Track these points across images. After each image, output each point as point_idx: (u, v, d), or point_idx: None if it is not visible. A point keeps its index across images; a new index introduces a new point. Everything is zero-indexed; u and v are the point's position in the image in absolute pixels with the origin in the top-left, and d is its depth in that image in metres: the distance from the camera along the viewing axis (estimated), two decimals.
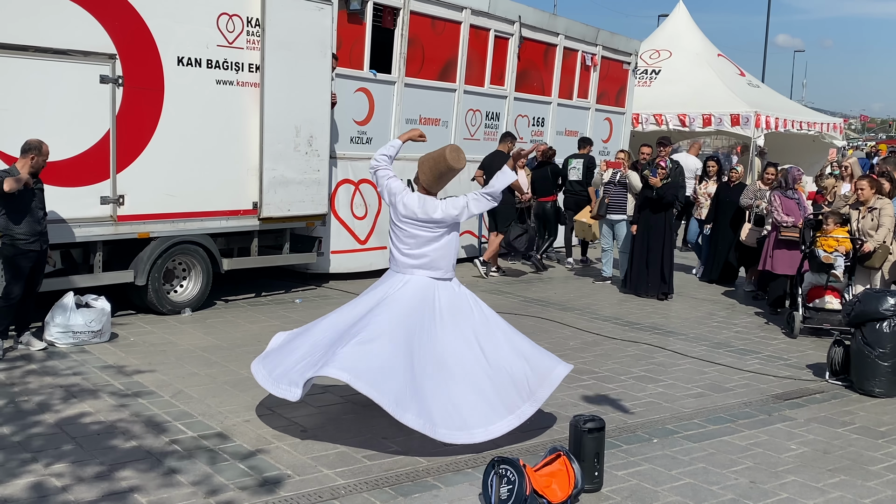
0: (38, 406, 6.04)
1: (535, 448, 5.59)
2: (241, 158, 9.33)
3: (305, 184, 9.93)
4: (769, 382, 7.45)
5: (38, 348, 7.47)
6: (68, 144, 7.94)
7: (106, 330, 7.83)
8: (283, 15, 9.43)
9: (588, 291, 11.61)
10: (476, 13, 12.99)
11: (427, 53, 12.34)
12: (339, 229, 11.09)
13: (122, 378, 6.78)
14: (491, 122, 13.84)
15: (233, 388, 6.63)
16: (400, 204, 5.73)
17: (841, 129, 24.18)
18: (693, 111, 19.41)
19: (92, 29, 7.99)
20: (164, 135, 8.61)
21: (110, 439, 5.46)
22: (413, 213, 5.69)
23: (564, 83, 15.36)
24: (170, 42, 8.56)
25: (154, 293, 8.82)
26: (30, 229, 7.18)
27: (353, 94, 11.25)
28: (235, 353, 7.61)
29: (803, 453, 5.74)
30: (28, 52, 7.60)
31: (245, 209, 9.43)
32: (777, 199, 10.06)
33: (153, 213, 8.62)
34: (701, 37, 22.38)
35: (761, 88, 22.87)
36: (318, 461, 5.25)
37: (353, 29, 11.08)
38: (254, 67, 9.31)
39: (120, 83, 8.24)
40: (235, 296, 10.12)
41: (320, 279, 11.16)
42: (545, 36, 14.67)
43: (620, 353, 8.26)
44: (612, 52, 16.50)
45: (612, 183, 11.83)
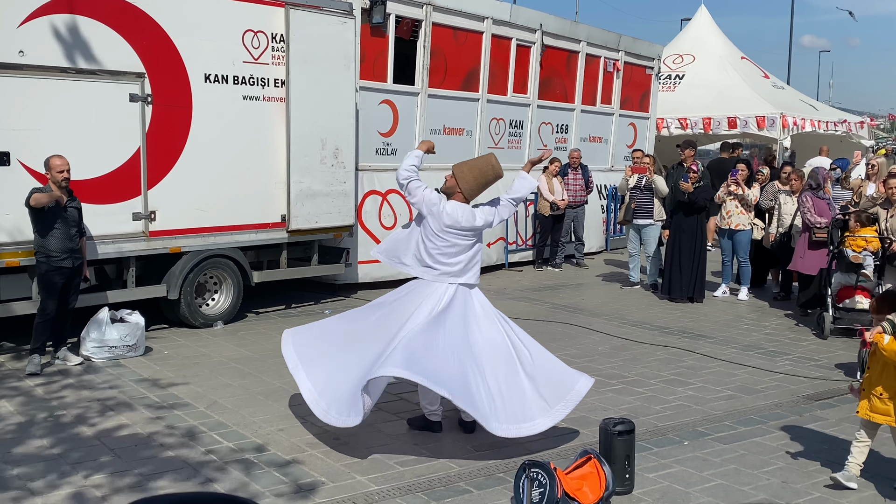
0: (75, 419, 6.16)
1: (566, 451, 5.62)
2: (268, 172, 9.46)
3: (332, 196, 10.04)
4: (800, 383, 7.42)
5: (75, 363, 7.62)
6: (100, 162, 8.11)
7: (140, 344, 7.96)
8: (307, 30, 9.56)
9: (616, 297, 11.61)
10: (498, 23, 13.07)
11: (450, 64, 12.44)
12: (367, 240, 11.18)
13: (158, 390, 6.90)
14: (515, 131, 13.89)
15: (266, 399, 6.72)
16: (444, 213, 5.73)
17: (869, 128, 23.98)
18: (718, 114, 19.35)
19: (121, 49, 8.16)
20: (193, 151, 8.76)
21: (147, 450, 5.56)
22: (457, 221, 5.72)
23: (587, 90, 15.38)
24: (197, 59, 8.72)
25: (186, 307, 8.96)
26: (62, 246, 7.32)
27: (377, 106, 11.37)
28: (268, 364, 7.70)
29: (835, 453, 5.71)
30: (59, 74, 7.78)
31: (274, 222, 9.56)
32: (809, 199, 10.00)
33: (184, 227, 8.76)
34: (724, 40, 22.31)
35: (786, 90, 22.76)
36: (352, 468, 5.32)
37: (376, 42, 11.20)
38: (279, 82, 9.44)
39: (149, 101, 8.40)
40: (266, 308, 10.24)
41: (349, 290, 11.26)
42: (567, 43, 14.72)
43: (649, 357, 8.26)
44: (634, 58, 16.50)
45: (638, 188, 11.84)
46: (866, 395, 5.03)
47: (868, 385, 5.03)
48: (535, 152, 14.20)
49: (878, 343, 4.83)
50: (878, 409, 4.97)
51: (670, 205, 11.37)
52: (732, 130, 19.54)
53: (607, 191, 15.80)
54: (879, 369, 4.96)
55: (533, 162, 6.21)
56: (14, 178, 7.52)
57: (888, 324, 4.83)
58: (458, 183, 5.84)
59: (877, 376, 4.97)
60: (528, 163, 6.23)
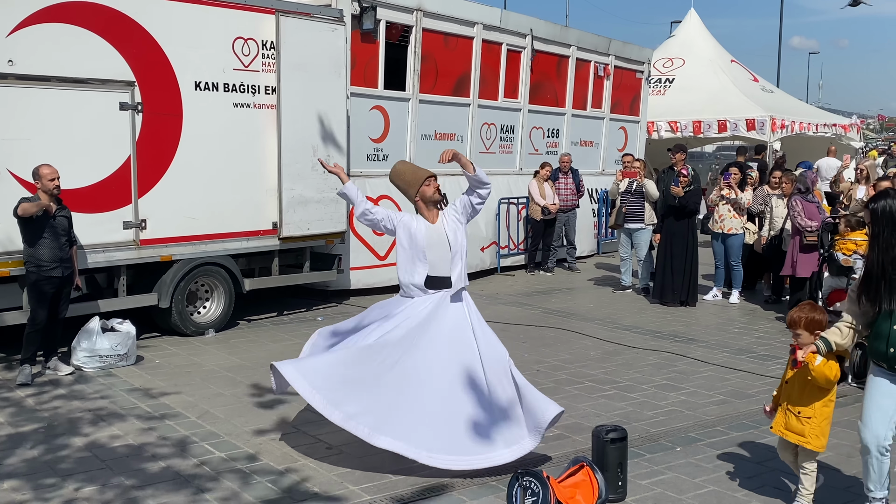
0: (66, 430, 6.13)
1: (559, 459, 5.62)
2: (259, 179, 9.45)
3: (324, 202, 10.03)
4: None
5: (66, 373, 7.59)
6: (90, 171, 8.09)
7: (132, 353, 7.94)
8: (297, 37, 9.56)
9: (608, 301, 11.62)
10: (488, 28, 13.09)
11: (440, 69, 12.45)
12: (359, 246, 11.18)
13: (149, 400, 6.88)
14: (506, 136, 13.91)
15: (258, 408, 6.70)
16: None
17: (858, 128, 24.09)
18: (708, 117, 19.43)
19: (110, 57, 8.14)
20: (184, 159, 8.75)
21: (139, 461, 5.54)
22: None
23: (578, 94, 15.42)
24: (187, 67, 8.70)
25: (178, 315, 8.93)
26: (52, 255, 7.30)
27: (368, 112, 11.37)
28: (260, 372, 7.68)
29: (828, 457, 5.73)
30: (49, 83, 7.76)
31: (265, 229, 9.54)
32: (798, 203, 10.05)
33: (175, 236, 8.74)
34: (714, 43, 22.40)
35: (775, 93, 22.86)
36: (345, 478, 5.31)
37: (367, 48, 11.20)
38: (270, 89, 9.43)
39: (139, 109, 8.38)
40: (258, 315, 10.22)
41: (341, 296, 11.25)
42: (557, 48, 14.75)
43: (642, 362, 8.27)
44: (624, 62, 16.56)
45: (629, 192, 11.86)
46: (783, 410, 4.77)
47: (786, 400, 4.76)
48: (526, 157, 14.26)
49: (808, 363, 4.51)
50: (794, 427, 4.70)
51: (661, 209, 11.41)
52: (722, 134, 19.64)
53: (598, 195, 15.83)
54: (800, 387, 4.68)
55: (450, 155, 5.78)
56: (3, 187, 7.49)
57: (822, 343, 4.52)
58: None
59: (797, 394, 4.70)
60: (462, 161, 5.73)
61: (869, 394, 4.50)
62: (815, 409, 4.67)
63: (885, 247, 4.35)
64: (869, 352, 4.55)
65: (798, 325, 4.69)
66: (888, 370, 4.39)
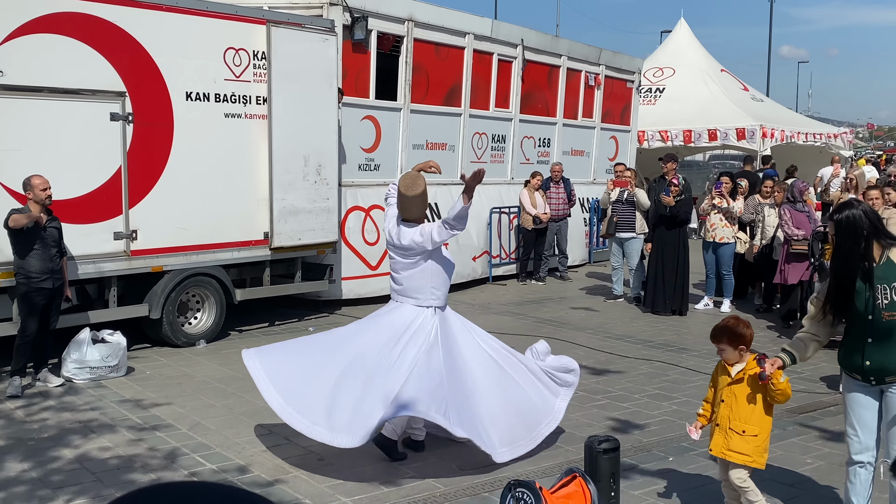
0: (56, 442, 6.10)
1: (551, 470, 5.61)
2: (251, 190, 9.44)
3: (315, 212, 10.02)
4: None
5: (56, 384, 7.55)
6: (81, 182, 8.07)
7: (122, 364, 7.91)
8: (289, 47, 9.56)
9: (600, 310, 11.63)
10: (479, 38, 13.12)
11: (432, 79, 12.47)
12: (351, 256, 11.17)
13: (140, 412, 6.84)
14: (497, 145, 13.93)
15: (249, 419, 6.68)
16: (386, 231, 5.91)
17: (847, 138, 24.21)
18: (698, 127, 19.50)
19: (101, 68, 8.13)
20: (175, 169, 8.73)
21: (129, 473, 5.51)
22: (391, 239, 5.84)
23: (569, 104, 15.46)
24: (178, 78, 8.70)
25: (169, 326, 8.90)
26: (42, 266, 7.27)
27: (359, 122, 11.38)
28: (251, 383, 7.57)
29: (819, 467, 5.75)
30: (39, 94, 7.74)
31: (256, 240, 9.53)
32: (787, 212, 10.12)
33: (166, 246, 8.72)
34: (703, 53, 22.50)
35: (765, 102, 22.98)
36: (336, 489, 5.29)
37: (358, 58, 11.21)
38: (261, 100, 9.43)
39: (130, 120, 8.37)
40: (249, 325, 10.19)
41: (333, 306, 11.23)
42: (548, 58, 14.79)
43: (634, 372, 8.28)
44: (615, 72, 16.61)
45: (620, 201, 11.88)
46: (722, 430, 4.52)
47: (726, 419, 4.52)
48: (518, 166, 14.28)
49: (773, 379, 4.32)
50: (737, 447, 4.47)
51: (652, 218, 11.43)
52: (713, 143, 19.71)
53: (590, 204, 15.86)
54: (745, 404, 4.46)
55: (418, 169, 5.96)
56: None
57: (787, 357, 4.42)
58: None
59: (742, 412, 4.47)
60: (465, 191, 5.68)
61: (849, 407, 4.46)
62: (761, 426, 4.49)
63: (849, 257, 4.27)
64: (842, 365, 4.49)
65: (721, 340, 4.53)
66: (863, 381, 4.35)
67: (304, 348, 5.97)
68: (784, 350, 4.48)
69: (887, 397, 4.30)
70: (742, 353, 4.52)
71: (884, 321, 4.22)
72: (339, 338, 5.91)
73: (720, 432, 4.53)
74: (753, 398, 4.46)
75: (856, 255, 4.25)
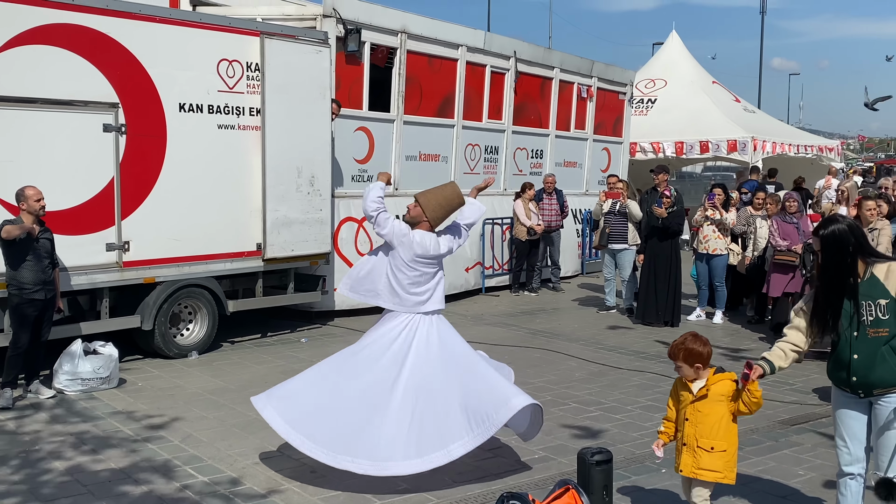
0: (48, 454, 6.07)
1: (544, 482, 5.61)
2: (244, 201, 9.43)
3: (308, 223, 10.02)
4: (775, 408, 7.47)
5: (47, 396, 7.52)
6: (73, 193, 8.05)
7: (114, 376, 7.88)
8: (282, 59, 9.58)
9: (592, 321, 11.65)
10: (472, 50, 13.17)
11: (425, 91, 12.50)
12: (343, 267, 11.13)
13: (132, 424, 6.82)
14: (490, 157, 13.97)
15: (242, 431, 6.66)
16: (415, 243, 5.73)
17: (839, 150, 24.34)
18: (690, 138, 19.58)
19: (94, 79, 8.13)
20: (168, 180, 8.73)
21: (121, 485, 5.49)
22: (427, 250, 5.73)
23: (561, 115, 15.52)
24: (171, 89, 8.70)
25: (161, 337, 8.88)
26: (34, 278, 7.25)
27: (353, 134, 11.40)
28: (243, 395, 7.62)
29: (811, 479, 5.75)
30: (32, 104, 7.73)
31: (249, 251, 9.52)
32: (775, 223, 10.26)
33: (158, 257, 8.70)
34: (695, 64, 22.63)
35: (757, 114, 23.10)
36: (328, 502, 5.28)
37: (352, 70, 11.24)
38: (254, 111, 9.44)
39: (123, 131, 8.36)
40: (241, 337, 10.17)
41: (325, 317, 11.21)
42: (541, 70, 14.85)
43: (626, 383, 8.28)
44: (607, 83, 16.68)
45: (613, 213, 11.92)
46: (690, 449, 4.44)
47: (692, 439, 4.43)
48: (510, 177, 14.31)
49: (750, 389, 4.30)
50: (707, 465, 4.40)
51: (645, 229, 11.47)
52: (705, 154, 19.80)
53: (582, 215, 15.90)
54: (714, 420, 4.40)
55: (478, 189, 6.27)
56: None
57: (767, 365, 4.37)
58: (425, 212, 5.85)
59: (711, 428, 4.40)
60: (474, 189, 6.28)
61: (839, 419, 4.45)
62: (729, 441, 4.46)
63: (836, 274, 4.24)
64: (831, 378, 4.48)
65: (677, 358, 4.49)
66: (851, 393, 4.35)
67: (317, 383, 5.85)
68: (764, 358, 4.45)
69: (876, 409, 4.30)
70: (699, 370, 4.47)
71: (869, 338, 4.21)
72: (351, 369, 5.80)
73: (688, 452, 4.46)
74: (718, 413, 4.41)
75: (843, 272, 4.24)
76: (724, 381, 4.45)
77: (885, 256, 4.41)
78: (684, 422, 4.48)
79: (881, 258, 4.34)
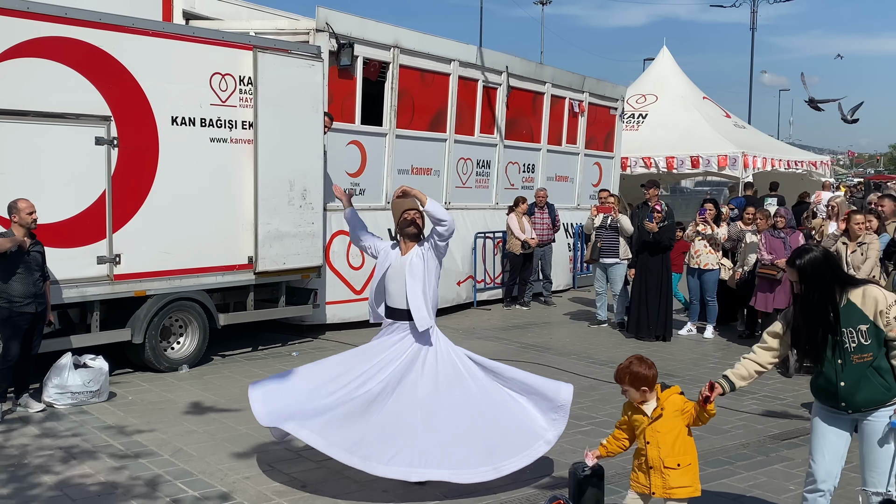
0: (37, 468, 6.04)
1: (535, 497, 5.60)
2: (235, 214, 9.43)
3: (300, 237, 10.02)
4: (766, 423, 7.49)
5: (37, 410, 7.48)
6: (65, 206, 8.04)
7: (104, 389, 7.84)
8: (275, 73, 9.60)
9: (584, 335, 11.66)
10: (464, 65, 13.22)
11: (417, 105, 12.54)
12: (335, 280, 11.16)
13: (122, 438, 6.79)
14: (482, 171, 14.01)
15: (232, 445, 6.63)
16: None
17: (829, 165, 24.49)
18: (681, 153, 19.68)
19: (87, 92, 8.13)
20: (160, 193, 8.72)
21: (111, 500, 5.46)
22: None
23: (553, 130, 15.58)
24: (164, 102, 8.71)
25: (151, 351, 8.85)
26: (25, 291, 7.22)
27: (345, 147, 11.41)
28: (234, 409, 7.62)
29: (801, 494, 5.74)
30: (25, 117, 7.72)
31: (241, 264, 9.51)
32: (764, 238, 10.41)
33: (149, 271, 8.68)
34: (685, 80, 22.76)
35: (747, 129, 23.23)
36: None
37: (344, 84, 11.27)
38: (247, 124, 9.45)
39: (115, 144, 8.36)
40: (232, 350, 10.14)
41: (316, 330, 11.19)
42: (533, 85, 14.92)
43: (618, 398, 8.23)
44: (598, 98, 16.77)
45: (604, 227, 11.96)
46: (657, 471, 4.41)
47: (657, 461, 4.40)
48: (502, 191, 14.36)
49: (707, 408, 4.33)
50: (676, 482, 4.38)
51: (636, 244, 11.51)
52: (695, 169, 19.89)
53: (574, 229, 15.94)
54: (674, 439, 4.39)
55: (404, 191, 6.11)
56: None
57: (727, 384, 4.44)
58: None
59: (672, 447, 4.39)
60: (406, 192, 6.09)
61: (820, 434, 4.41)
62: (691, 453, 4.48)
63: (815, 302, 4.22)
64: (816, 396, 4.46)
65: (623, 381, 4.52)
66: (836, 409, 4.33)
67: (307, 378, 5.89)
68: (725, 377, 4.48)
69: (865, 426, 4.28)
70: (645, 393, 4.49)
71: (854, 364, 4.21)
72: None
73: (656, 474, 4.40)
74: (676, 430, 4.42)
75: (823, 302, 4.21)
76: (673, 397, 4.48)
77: (858, 281, 4.38)
78: (646, 445, 4.46)
79: (855, 283, 4.32)
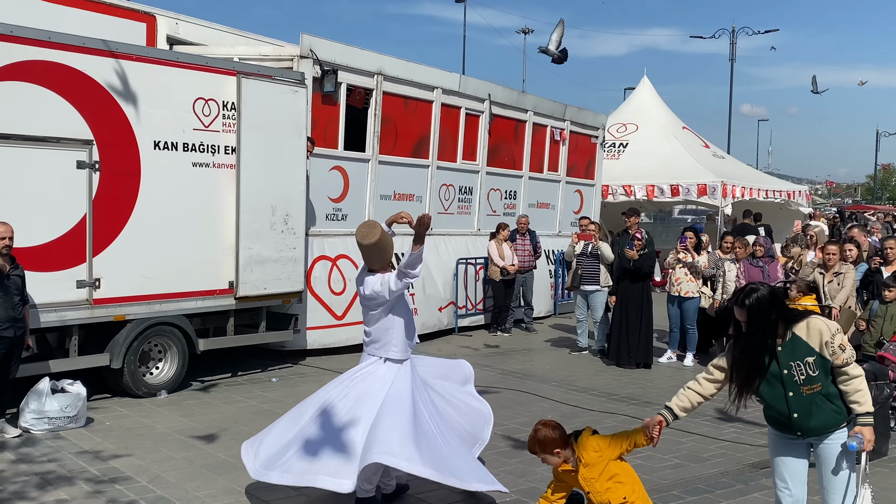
0: (12, 494, 5.96)
1: None
2: (217, 239, 9.41)
3: (282, 262, 10.01)
4: (745, 451, 7.51)
5: (13, 435, 7.38)
6: (45, 229, 7.99)
7: (82, 415, 7.77)
8: (258, 98, 9.63)
9: (565, 363, 11.67)
10: (447, 92, 13.32)
11: (400, 131, 12.60)
12: (316, 305, 11.13)
13: (99, 464, 6.72)
14: (464, 197, 14.07)
15: (210, 472, 6.58)
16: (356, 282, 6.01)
17: (808, 195, 24.75)
18: (661, 182, 19.83)
19: (69, 116, 8.11)
20: (141, 217, 8.69)
21: None
22: (358, 289, 5.92)
23: (535, 157, 15.69)
24: (146, 127, 8.70)
25: (130, 376, 8.78)
26: (4, 315, 7.16)
27: (328, 173, 11.44)
28: (212, 435, 7.56)
29: None
30: (6, 140, 7.70)
31: (221, 289, 9.47)
32: (742, 266, 10.52)
33: (129, 295, 8.63)
34: (666, 110, 22.99)
35: (726, 159, 23.48)
36: None
37: (328, 110, 11.31)
38: (230, 149, 9.46)
39: (96, 168, 8.34)
40: (212, 376, 10.07)
41: (297, 356, 11.15)
42: (515, 112, 15.03)
43: (598, 425, 8.24)
44: (579, 127, 16.91)
45: (585, 254, 12.02)
46: None
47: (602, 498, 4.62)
48: (484, 218, 14.41)
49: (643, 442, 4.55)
50: None
51: (616, 271, 11.57)
52: (675, 198, 20.03)
53: (555, 256, 16.00)
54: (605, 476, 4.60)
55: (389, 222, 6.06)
56: None
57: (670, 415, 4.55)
58: None
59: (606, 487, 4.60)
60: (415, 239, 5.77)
61: (780, 463, 4.45)
62: (627, 474, 4.62)
63: (755, 343, 4.27)
64: (770, 424, 4.51)
65: (536, 451, 4.70)
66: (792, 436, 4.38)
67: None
68: (667, 408, 4.57)
69: (820, 450, 4.33)
70: (559, 453, 4.61)
71: (804, 395, 4.26)
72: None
73: None
74: (600, 468, 4.55)
75: (764, 339, 4.27)
76: (587, 441, 4.60)
77: (801, 314, 4.40)
78: (587, 495, 4.63)
79: (799, 317, 4.35)
